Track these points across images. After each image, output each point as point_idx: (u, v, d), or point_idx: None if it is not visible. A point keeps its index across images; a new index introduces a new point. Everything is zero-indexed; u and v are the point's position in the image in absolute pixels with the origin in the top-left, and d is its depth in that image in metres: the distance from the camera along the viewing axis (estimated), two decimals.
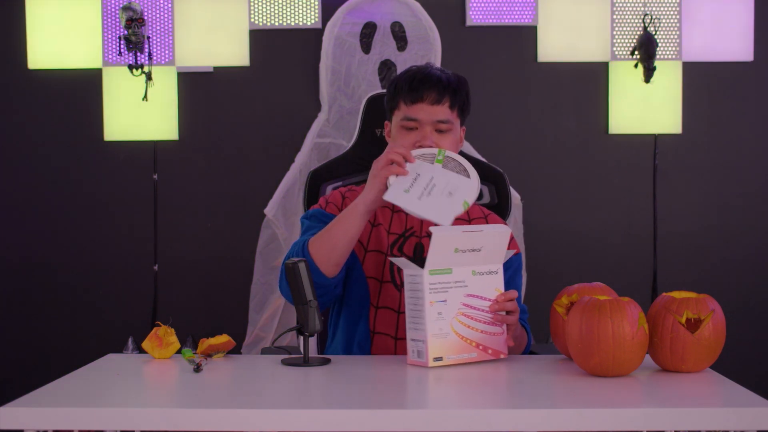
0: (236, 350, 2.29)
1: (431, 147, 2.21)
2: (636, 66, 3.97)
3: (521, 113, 4.09)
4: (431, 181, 2.08)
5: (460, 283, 1.97)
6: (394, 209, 2.34)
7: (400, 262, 1.98)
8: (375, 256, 2.30)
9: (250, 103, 4.06)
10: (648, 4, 4.00)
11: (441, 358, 1.94)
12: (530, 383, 1.87)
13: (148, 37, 3.93)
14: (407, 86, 2.29)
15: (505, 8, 4.00)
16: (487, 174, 2.69)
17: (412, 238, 2.32)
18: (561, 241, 4.06)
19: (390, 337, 2.28)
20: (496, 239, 2.00)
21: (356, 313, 2.29)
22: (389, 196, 2.05)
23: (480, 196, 2.66)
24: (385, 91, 2.45)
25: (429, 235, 2.18)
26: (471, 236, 1.96)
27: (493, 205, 2.63)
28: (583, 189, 4.10)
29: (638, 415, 1.61)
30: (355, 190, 2.38)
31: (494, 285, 2.02)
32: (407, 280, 1.98)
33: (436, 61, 3.87)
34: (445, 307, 1.94)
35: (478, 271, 2.00)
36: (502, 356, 2.02)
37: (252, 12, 3.99)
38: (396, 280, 2.29)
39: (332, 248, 2.14)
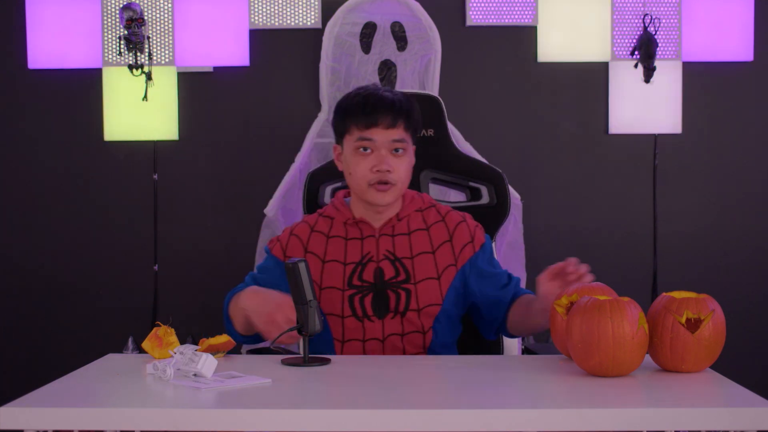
0: (236, 350, 2.29)
1: (387, 172, 2.25)
2: (636, 66, 3.97)
3: (521, 113, 4.08)
4: None
5: None
6: (347, 237, 2.34)
7: None
8: (330, 292, 2.30)
9: (250, 103, 4.05)
10: (648, 4, 4.00)
11: None
12: (530, 383, 1.87)
13: (148, 37, 3.93)
14: (360, 111, 2.27)
15: (505, 8, 4.00)
16: (485, 174, 2.69)
17: (371, 264, 2.31)
18: (561, 241, 4.06)
19: None
20: None
21: (321, 351, 2.28)
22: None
23: (479, 196, 2.67)
24: None
25: (388, 258, 2.27)
26: None
27: (492, 206, 2.63)
28: (583, 189, 4.10)
29: (638, 415, 1.61)
30: (305, 223, 2.39)
31: None
32: None
33: (436, 62, 3.87)
34: None
35: None
36: None
37: (252, 12, 3.99)
38: (357, 312, 2.29)
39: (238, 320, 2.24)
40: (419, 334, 2.31)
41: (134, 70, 3.91)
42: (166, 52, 3.97)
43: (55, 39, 3.98)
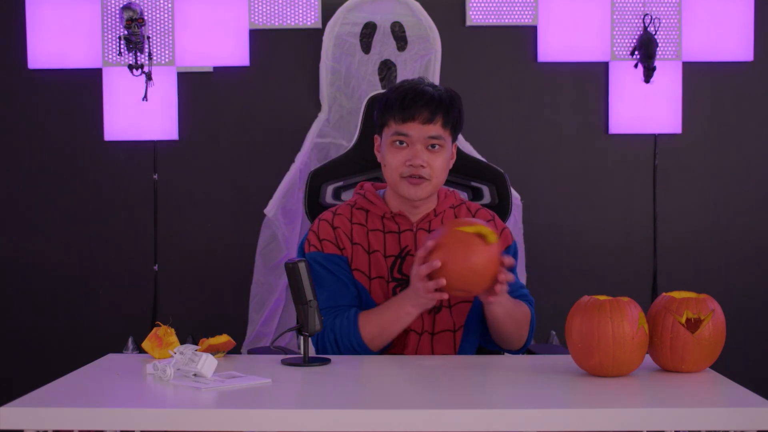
0: (236, 350, 2.29)
1: (421, 167, 2.25)
2: (636, 66, 3.97)
3: (521, 113, 4.08)
4: None
5: None
6: (386, 231, 2.34)
7: None
8: (379, 282, 2.30)
9: (250, 103, 4.05)
10: (648, 4, 4.00)
11: None
12: (530, 383, 1.87)
13: (148, 37, 3.92)
14: (398, 104, 2.28)
15: (505, 8, 4.00)
16: (487, 174, 2.69)
17: (409, 258, 2.31)
18: (561, 241, 4.06)
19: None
20: None
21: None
22: None
23: (480, 196, 2.67)
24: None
25: None
26: None
27: (493, 206, 2.63)
28: (583, 189, 4.09)
29: (638, 415, 1.61)
30: (341, 215, 2.36)
31: None
32: None
33: (436, 62, 3.87)
34: None
35: None
36: None
37: (252, 12, 3.98)
38: None
39: (387, 337, 2.22)
40: (449, 334, 2.30)
41: (134, 70, 3.91)
42: (166, 52, 3.97)
43: (55, 39, 3.98)
